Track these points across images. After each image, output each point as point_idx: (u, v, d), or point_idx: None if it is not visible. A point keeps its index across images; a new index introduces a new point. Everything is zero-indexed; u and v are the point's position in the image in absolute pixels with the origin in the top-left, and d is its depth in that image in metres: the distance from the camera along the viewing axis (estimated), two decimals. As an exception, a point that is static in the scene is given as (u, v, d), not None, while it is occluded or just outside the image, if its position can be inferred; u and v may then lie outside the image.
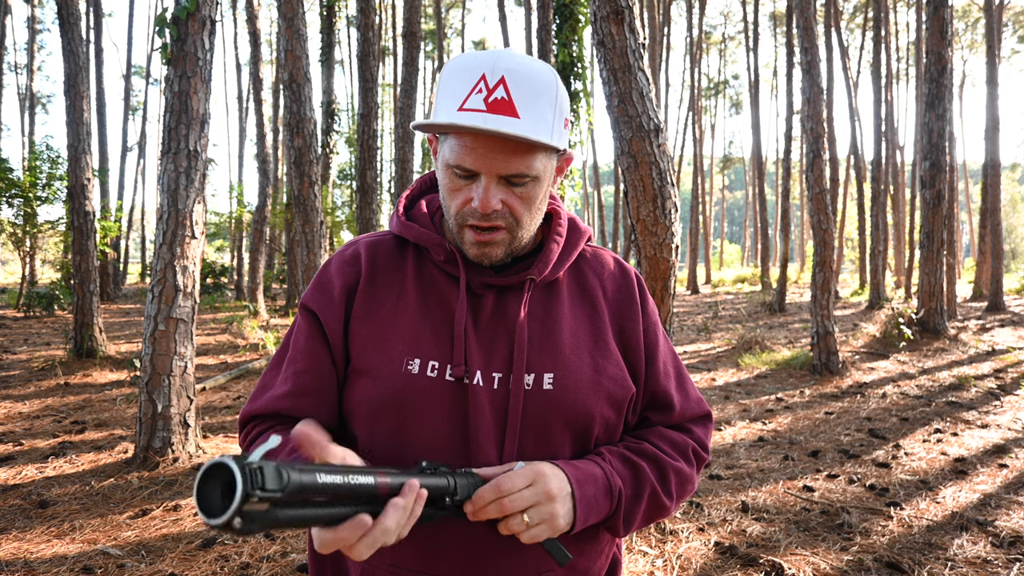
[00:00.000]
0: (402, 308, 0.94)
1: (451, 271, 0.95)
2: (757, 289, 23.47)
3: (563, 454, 0.91)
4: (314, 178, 8.14)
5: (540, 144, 0.87)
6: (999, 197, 15.50)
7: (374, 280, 0.97)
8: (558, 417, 0.90)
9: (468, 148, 0.87)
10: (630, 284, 1.03)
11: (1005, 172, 50.57)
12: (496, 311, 0.94)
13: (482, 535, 0.87)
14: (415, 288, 0.96)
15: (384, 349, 0.91)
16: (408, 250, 1.00)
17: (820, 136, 8.19)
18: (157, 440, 4.25)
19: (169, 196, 4.36)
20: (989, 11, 16.04)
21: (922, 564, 2.95)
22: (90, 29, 18.96)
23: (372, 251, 1.00)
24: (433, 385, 0.89)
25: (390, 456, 0.89)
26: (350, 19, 27.35)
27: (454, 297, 0.94)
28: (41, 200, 12.79)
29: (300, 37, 8.04)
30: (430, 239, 0.96)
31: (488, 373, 0.90)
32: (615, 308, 1.01)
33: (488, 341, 0.92)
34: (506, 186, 0.89)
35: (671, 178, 3.31)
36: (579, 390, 0.91)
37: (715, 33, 42.15)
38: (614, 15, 3.17)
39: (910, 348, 9.15)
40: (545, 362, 0.91)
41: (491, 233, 0.90)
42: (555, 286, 0.99)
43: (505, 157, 0.87)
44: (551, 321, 0.95)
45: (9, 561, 2.93)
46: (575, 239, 1.02)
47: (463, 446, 0.88)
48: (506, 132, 0.83)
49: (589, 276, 1.03)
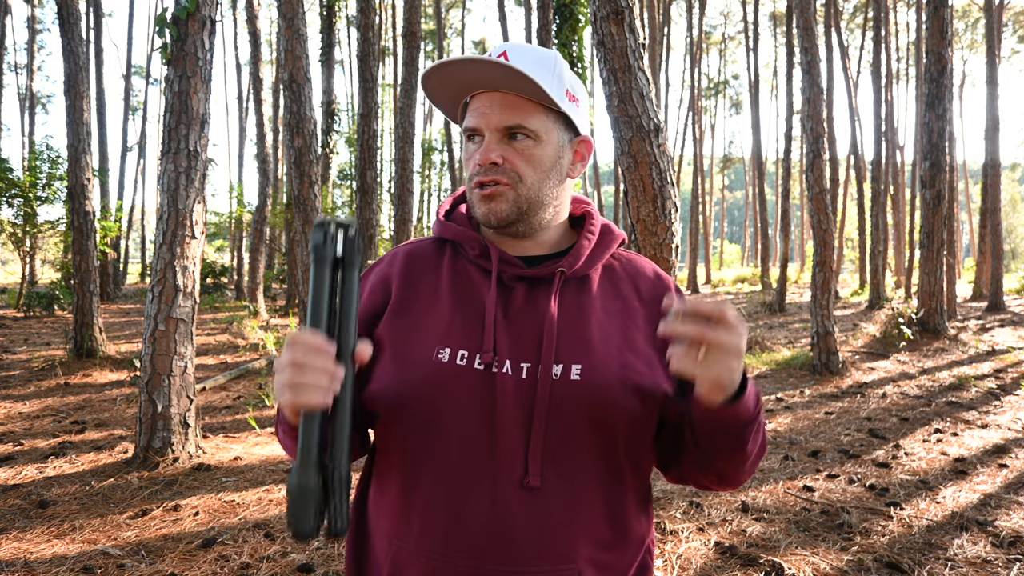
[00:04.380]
0: (436, 301, 0.98)
1: (484, 265, 0.98)
2: (757, 289, 23.47)
3: (588, 445, 0.91)
4: (314, 178, 8.14)
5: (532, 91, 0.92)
6: (999, 197, 15.50)
7: (410, 278, 1.01)
8: (584, 407, 0.90)
9: (473, 109, 0.96)
10: (667, 289, 1.04)
11: (1005, 172, 50.57)
12: (527, 303, 0.95)
13: (506, 521, 0.87)
14: (449, 283, 0.99)
15: (417, 339, 0.94)
16: (446, 249, 1.04)
17: (820, 136, 8.19)
18: (157, 440, 4.25)
19: (169, 196, 4.36)
20: (989, 11, 16.04)
21: (922, 564, 2.95)
22: (90, 29, 18.97)
23: (410, 254, 1.05)
24: (462, 372, 0.90)
25: (416, 440, 0.91)
26: (350, 19, 27.36)
27: (486, 290, 0.96)
28: (41, 200, 12.79)
29: (300, 37, 8.04)
30: (465, 235, 1.01)
31: (516, 363, 0.91)
32: (651, 310, 1.01)
33: (518, 331, 0.93)
34: (507, 142, 0.95)
35: (671, 178, 3.31)
36: (606, 382, 0.91)
37: (715, 33, 42.17)
38: (614, 15, 3.17)
39: (910, 348, 9.15)
40: (573, 353, 0.92)
41: (493, 186, 0.94)
42: (587, 283, 1.00)
43: (501, 109, 0.93)
44: (581, 315, 0.96)
45: (9, 561, 2.93)
46: (608, 240, 1.04)
47: (489, 433, 0.89)
48: (484, 58, 0.90)
49: (623, 277, 1.04)
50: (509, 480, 0.88)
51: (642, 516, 0.99)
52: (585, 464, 0.91)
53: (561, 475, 0.90)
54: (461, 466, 0.89)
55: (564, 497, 0.89)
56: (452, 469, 0.90)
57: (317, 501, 0.78)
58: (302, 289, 8.52)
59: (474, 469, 0.89)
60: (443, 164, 33.52)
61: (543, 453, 0.89)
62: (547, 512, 0.88)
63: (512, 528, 0.87)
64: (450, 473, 0.89)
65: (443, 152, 32.26)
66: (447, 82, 0.96)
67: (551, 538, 0.88)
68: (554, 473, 0.89)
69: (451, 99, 1.00)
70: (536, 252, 1.01)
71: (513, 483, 0.88)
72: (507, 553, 0.87)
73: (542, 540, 0.88)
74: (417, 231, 28.31)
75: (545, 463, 0.89)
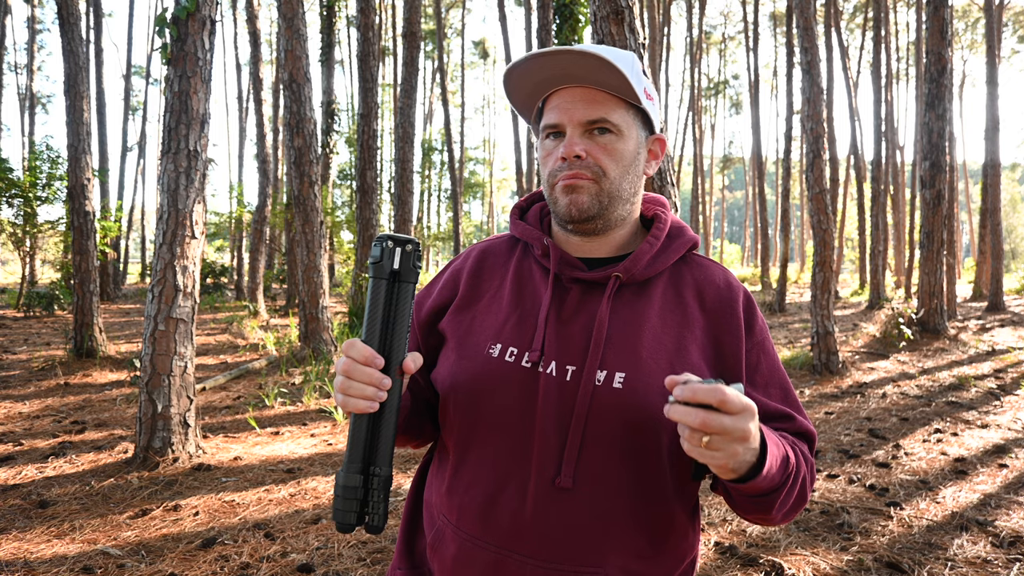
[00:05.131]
0: (498, 298, 1.02)
1: (546, 264, 1.00)
2: (757, 289, 23.47)
3: (624, 452, 0.90)
4: (314, 178, 8.14)
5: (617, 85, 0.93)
6: (999, 197, 15.50)
7: (478, 275, 1.05)
8: (622, 416, 0.89)
9: (553, 107, 0.97)
10: (734, 299, 1.00)
11: (1005, 172, 50.57)
12: (580, 305, 0.96)
13: (535, 517, 0.89)
14: (513, 281, 1.02)
15: (473, 334, 0.99)
16: (517, 247, 1.07)
17: (820, 136, 8.19)
18: (157, 440, 4.25)
19: (169, 196, 4.36)
20: (989, 11, 16.04)
21: (922, 564, 2.95)
22: (90, 29, 18.95)
23: (484, 251, 1.09)
24: (508, 368, 0.94)
25: (464, 427, 0.96)
26: (350, 19, 27.35)
27: (544, 290, 0.98)
28: (41, 200, 12.79)
29: (300, 37, 8.04)
30: (532, 234, 1.03)
31: (562, 364, 0.92)
32: (712, 320, 0.98)
33: (567, 334, 0.94)
34: (590, 136, 0.95)
35: (671, 178, 3.31)
36: (648, 393, 0.90)
37: (715, 33, 42.16)
38: (614, 15, 3.17)
39: (910, 348, 9.15)
40: (619, 361, 0.92)
41: (576, 178, 0.94)
42: (647, 289, 0.98)
43: (585, 104, 0.94)
44: (634, 322, 0.95)
45: (9, 561, 2.93)
46: (675, 244, 1.01)
47: (528, 430, 0.91)
48: (575, 48, 0.90)
49: (688, 284, 1.00)
50: (542, 478, 0.90)
51: (687, 530, 0.97)
52: (620, 472, 0.90)
53: (594, 479, 0.89)
54: (500, 457, 0.93)
55: (595, 501, 0.89)
56: (492, 459, 0.93)
57: (358, 498, 0.86)
58: (302, 289, 8.52)
59: (511, 462, 0.92)
60: (443, 164, 33.52)
61: (578, 456, 0.89)
62: (576, 514, 0.89)
63: (540, 524, 0.89)
64: (490, 462, 0.93)
65: (443, 152, 32.26)
66: (529, 77, 0.96)
67: (578, 539, 0.89)
68: (587, 477, 0.89)
69: (529, 96, 1.00)
70: (601, 254, 1.01)
71: (546, 481, 0.89)
72: (533, 547, 0.89)
73: (569, 540, 0.89)
74: (417, 231, 28.29)
75: (579, 466, 0.89)
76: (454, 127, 35.99)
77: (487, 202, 46.84)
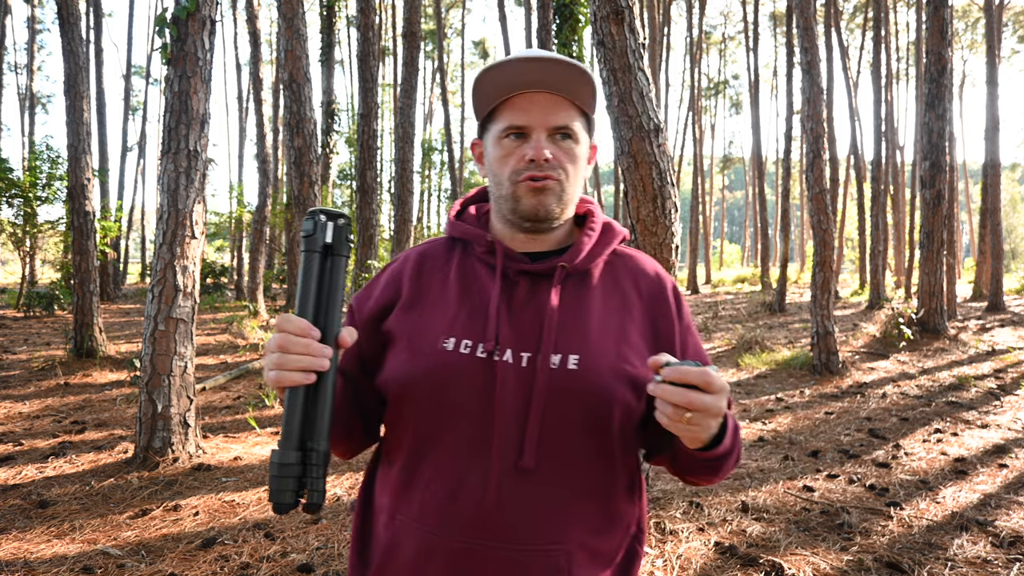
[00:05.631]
0: (444, 296, 1.04)
1: (490, 260, 1.04)
2: (757, 289, 23.46)
3: (582, 431, 0.95)
4: (314, 178, 8.14)
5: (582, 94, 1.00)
6: (999, 197, 15.49)
7: (420, 275, 1.07)
8: (579, 395, 0.94)
9: (517, 108, 1.00)
10: (665, 287, 1.09)
11: (1005, 172, 50.56)
12: (529, 296, 1.00)
13: (500, 502, 0.92)
14: (457, 278, 1.05)
15: (424, 330, 1.00)
16: (456, 248, 1.10)
17: (820, 136, 8.19)
18: (157, 440, 4.25)
19: (169, 196, 4.36)
20: (989, 11, 16.04)
21: (922, 564, 2.95)
22: (90, 29, 18.94)
23: (421, 255, 1.11)
24: (464, 360, 0.96)
25: (421, 423, 0.97)
26: (350, 19, 27.34)
27: (491, 284, 1.02)
28: (41, 200, 12.79)
29: (300, 37, 8.04)
30: (473, 233, 1.06)
31: (517, 352, 0.96)
32: (648, 305, 1.06)
33: (519, 323, 0.98)
34: (553, 141, 1.01)
35: (671, 178, 3.31)
36: (601, 373, 0.95)
37: (715, 33, 42.15)
38: (614, 15, 3.17)
39: (910, 348, 9.15)
40: (571, 344, 0.97)
41: (544, 180, 0.99)
42: (588, 278, 1.05)
43: (553, 110, 1.00)
44: (580, 308, 1.01)
45: (9, 561, 2.93)
46: (609, 237, 1.09)
47: (488, 417, 0.94)
48: (555, 56, 0.96)
49: (623, 274, 1.09)
50: (505, 463, 0.92)
51: (632, 501, 1.04)
52: (579, 450, 0.95)
53: (555, 459, 0.93)
54: (460, 448, 0.94)
55: (558, 481, 0.93)
56: (451, 451, 0.95)
57: (296, 476, 0.82)
58: (302, 289, 8.50)
59: (473, 451, 0.94)
60: (443, 164, 33.48)
61: (539, 438, 0.93)
62: (540, 495, 0.93)
63: (505, 509, 0.92)
64: (449, 454, 0.95)
65: (443, 152, 32.22)
66: (506, 77, 1.00)
67: (543, 520, 0.93)
68: (549, 457, 0.93)
69: (498, 94, 1.03)
70: (541, 248, 1.06)
71: (509, 466, 0.92)
72: (499, 532, 0.92)
73: (534, 521, 0.92)
74: (417, 231, 28.29)
75: (540, 448, 0.93)
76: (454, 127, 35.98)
77: (487, 202, 46.82)
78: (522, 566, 0.92)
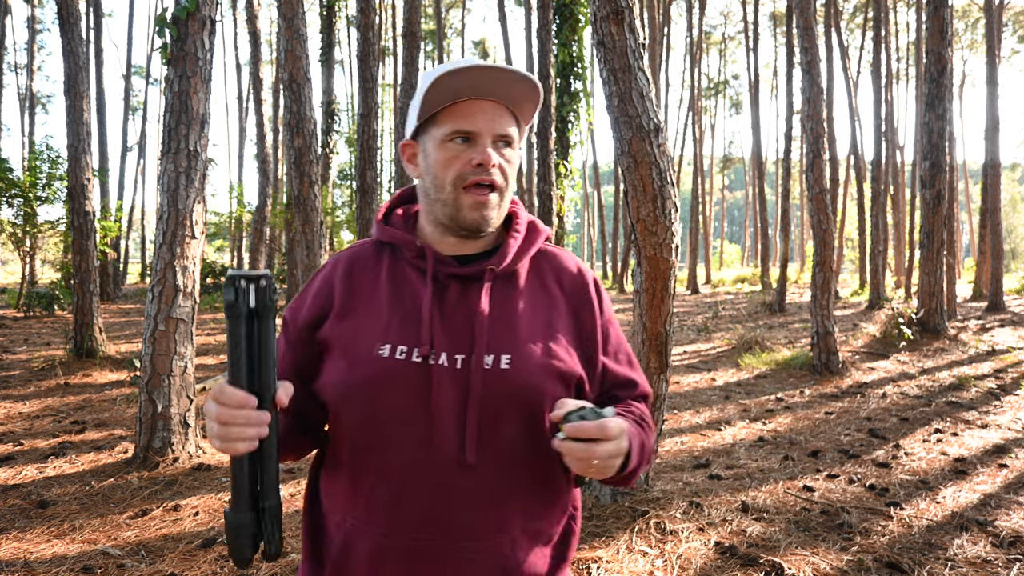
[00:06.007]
0: (376, 302, 1.05)
1: (420, 265, 1.06)
2: (757, 289, 23.47)
3: (517, 426, 0.99)
4: (314, 178, 8.14)
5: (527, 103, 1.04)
6: (999, 197, 15.49)
7: (351, 282, 1.08)
8: (513, 394, 0.99)
9: (467, 113, 1.02)
10: (587, 283, 1.14)
11: (1005, 172, 50.54)
12: (460, 299, 1.03)
13: (445, 501, 0.96)
14: (388, 284, 1.06)
15: (359, 338, 1.02)
16: (385, 252, 1.11)
17: (820, 136, 8.19)
18: (157, 440, 4.25)
19: (169, 196, 4.36)
20: (989, 11, 16.04)
21: (922, 564, 2.95)
22: (90, 29, 18.94)
23: (350, 260, 1.12)
24: (400, 366, 0.98)
25: (362, 430, 0.99)
26: (350, 19, 27.34)
27: (422, 288, 1.04)
28: (41, 200, 12.78)
29: (300, 37, 8.04)
30: (402, 238, 1.08)
31: (452, 355, 0.99)
32: (571, 301, 1.11)
33: (452, 326, 1.01)
34: (496, 148, 1.03)
35: (671, 178, 3.31)
36: (532, 370, 1.00)
37: (715, 33, 42.15)
38: (614, 15, 3.17)
39: (910, 348, 9.15)
40: (503, 344, 1.01)
41: (487, 193, 1.02)
42: (515, 278, 1.08)
43: (500, 118, 1.03)
44: (509, 308, 1.05)
45: (9, 561, 2.93)
46: (533, 236, 1.12)
47: (427, 420, 0.97)
48: (506, 67, 0.97)
49: (547, 272, 1.13)
50: (447, 462, 0.96)
51: (567, 485, 1.09)
52: (516, 444, 0.99)
53: (494, 454, 0.98)
54: (403, 451, 0.97)
55: (498, 474, 0.98)
56: (394, 454, 0.98)
57: (252, 534, 0.87)
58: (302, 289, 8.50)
59: (415, 453, 0.97)
60: (443, 164, 33.43)
61: (478, 436, 0.97)
62: (483, 489, 0.97)
63: (451, 506, 0.96)
64: (393, 457, 0.98)
65: (443, 152, 32.18)
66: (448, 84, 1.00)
67: (487, 512, 0.98)
68: (488, 453, 0.97)
69: (440, 101, 1.03)
70: (470, 251, 1.09)
71: (451, 465, 0.96)
72: (447, 528, 0.96)
73: (479, 515, 0.97)
74: (417, 231, 28.19)
75: (480, 444, 0.97)
76: (454, 127, 35.81)
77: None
78: (471, 557, 0.97)
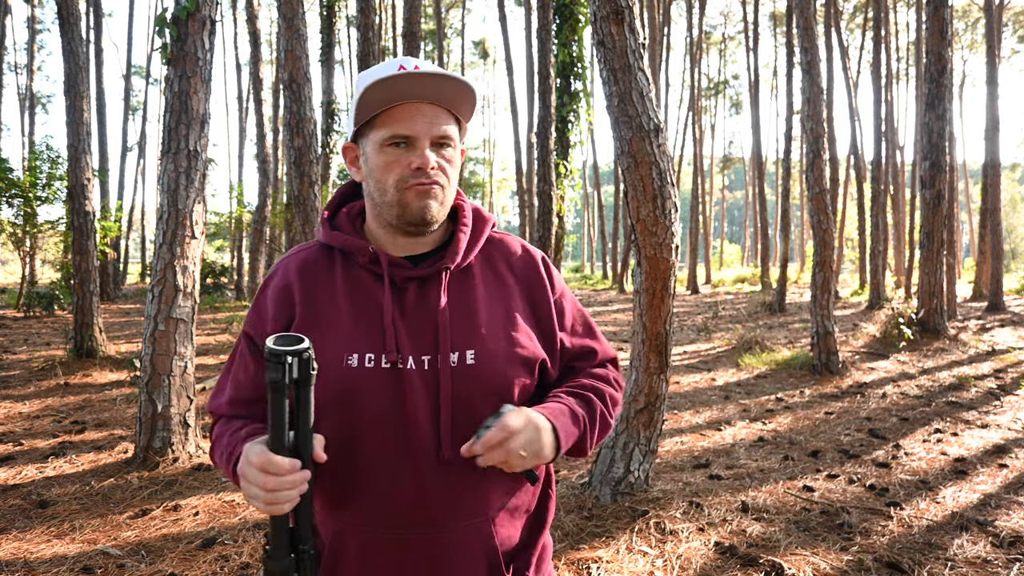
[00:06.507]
0: (337, 312, 1.06)
1: (376, 270, 1.07)
2: (757, 289, 23.47)
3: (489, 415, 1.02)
4: (314, 178, 8.14)
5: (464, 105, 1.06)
6: (999, 197, 15.49)
7: (309, 292, 1.09)
8: (482, 387, 1.03)
9: (404, 118, 1.03)
10: (535, 263, 1.17)
11: (1005, 172, 50.54)
12: (419, 300, 1.06)
13: (427, 494, 1.01)
14: (346, 292, 1.08)
15: (327, 351, 1.03)
16: (335, 256, 1.12)
17: (820, 136, 8.19)
18: (157, 440, 4.25)
19: (169, 196, 4.36)
20: (989, 11, 16.04)
21: (922, 564, 2.95)
22: (90, 29, 18.94)
23: (303, 265, 1.12)
24: (371, 374, 1.01)
25: (340, 439, 1.01)
26: (350, 19, 27.32)
27: (381, 294, 1.06)
28: (41, 200, 12.78)
29: (300, 37, 8.03)
30: (354, 244, 1.08)
31: (418, 356, 1.02)
32: (524, 284, 1.15)
33: (415, 328, 1.04)
34: (436, 150, 1.06)
35: (671, 178, 3.31)
36: (497, 362, 1.04)
37: (715, 33, 42.13)
38: (614, 15, 3.17)
39: (910, 348, 9.15)
40: (466, 340, 1.04)
41: (431, 185, 1.04)
42: (468, 271, 1.11)
43: (437, 121, 1.05)
44: (468, 303, 1.08)
45: (9, 561, 2.93)
46: (481, 227, 1.15)
47: (403, 422, 1.01)
48: (440, 71, 1.01)
49: (498, 259, 1.16)
50: (426, 459, 1.00)
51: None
52: None
53: None
54: (384, 455, 1.01)
55: (474, 463, 0.99)
56: (376, 458, 1.01)
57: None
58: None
59: (396, 454, 1.01)
60: (443, 164, 33.43)
61: (452, 431, 1.01)
62: (462, 479, 1.02)
63: (433, 498, 1.01)
64: (375, 461, 1.01)
65: (443, 152, 32.18)
66: (384, 89, 1.01)
67: (466, 499, 1.03)
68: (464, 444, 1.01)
69: (376, 105, 1.04)
70: (421, 250, 1.11)
71: (429, 461, 1.00)
72: (429, 519, 1.01)
73: (459, 502, 1.02)
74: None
75: (455, 438, 1.01)
76: (454, 127, 35.80)
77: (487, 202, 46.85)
78: (457, 541, 1.02)
